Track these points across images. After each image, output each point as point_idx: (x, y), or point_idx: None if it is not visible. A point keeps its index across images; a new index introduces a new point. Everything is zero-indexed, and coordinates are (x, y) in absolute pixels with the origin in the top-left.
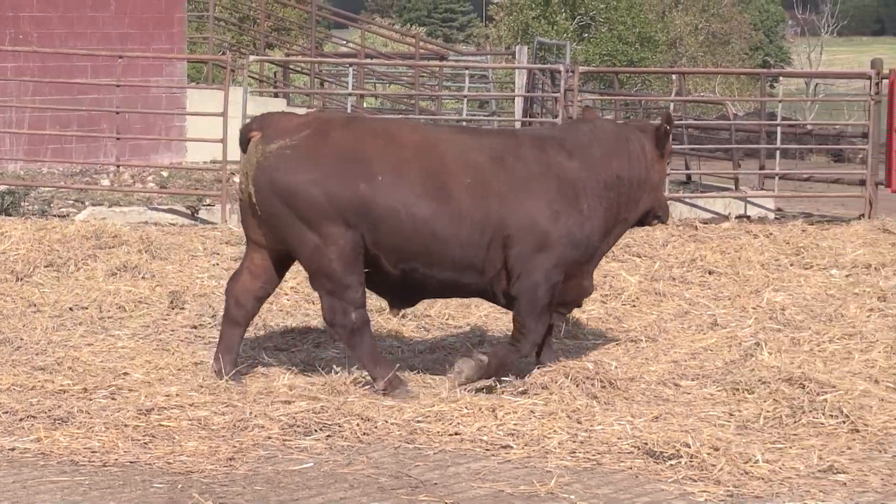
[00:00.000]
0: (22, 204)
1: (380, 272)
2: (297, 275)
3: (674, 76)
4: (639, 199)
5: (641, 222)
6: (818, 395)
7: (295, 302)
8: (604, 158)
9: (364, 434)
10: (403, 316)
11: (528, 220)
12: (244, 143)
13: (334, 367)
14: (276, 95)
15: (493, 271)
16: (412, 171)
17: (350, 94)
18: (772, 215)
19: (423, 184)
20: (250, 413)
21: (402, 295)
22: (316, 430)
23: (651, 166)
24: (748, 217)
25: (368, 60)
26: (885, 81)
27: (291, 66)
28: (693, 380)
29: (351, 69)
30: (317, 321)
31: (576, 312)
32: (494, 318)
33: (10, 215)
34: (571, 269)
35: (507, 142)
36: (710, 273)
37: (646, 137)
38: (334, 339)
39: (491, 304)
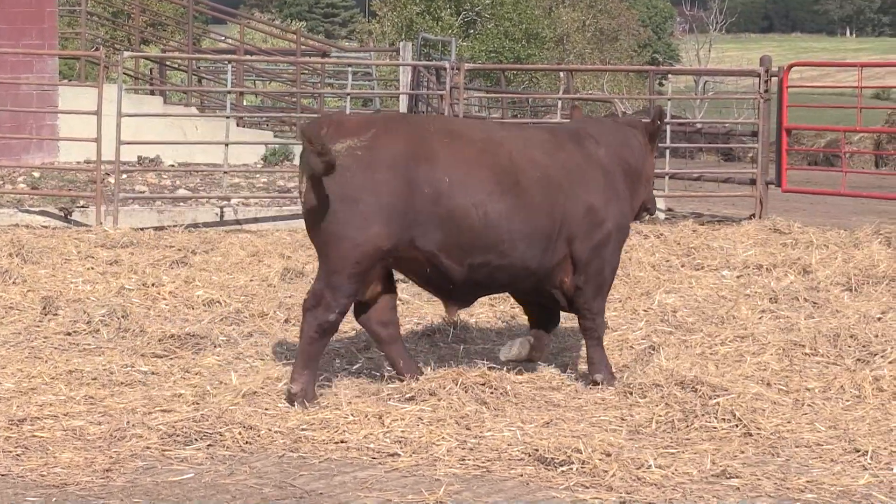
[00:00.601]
0: None
1: (442, 271)
2: (175, 278)
3: (561, 73)
4: (638, 190)
5: (635, 216)
6: (710, 398)
7: (174, 307)
8: (620, 147)
9: (247, 443)
10: (287, 321)
11: (588, 211)
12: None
13: (215, 373)
14: (152, 93)
15: (553, 263)
16: (483, 168)
17: (229, 92)
18: (662, 215)
19: (496, 180)
20: (128, 422)
21: (462, 292)
22: (196, 440)
23: (645, 159)
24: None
25: (248, 57)
26: (775, 79)
27: (168, 63)
28: (584, 384)
29: (230, 66)
30: (196, 327)
31: (464, 315)
32: None
33: None
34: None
35: (552, 137)
36: None
37: (638, 132)
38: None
39: None
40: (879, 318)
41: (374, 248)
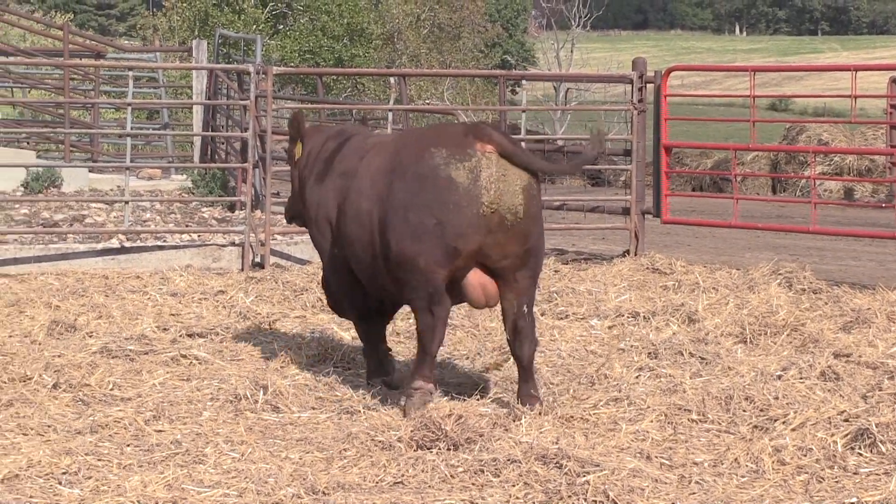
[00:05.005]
0: None
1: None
2: None
3: (392, 79)
4: None
5: None
6: (579, 476)
7: None
8: None
9: None
10: (56, 386)
11: None
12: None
13: None
14: None
15: None
16: None
17: None
18: None
19: None
20: None
21: None
22: None
23: None
24: None
25: (3, 59)
26: (651, 86)
27: None
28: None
29: None
30: None
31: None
32: None
33: None
34: None
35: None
36: None
37: None
38: None
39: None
40: (779, 377)
41: None
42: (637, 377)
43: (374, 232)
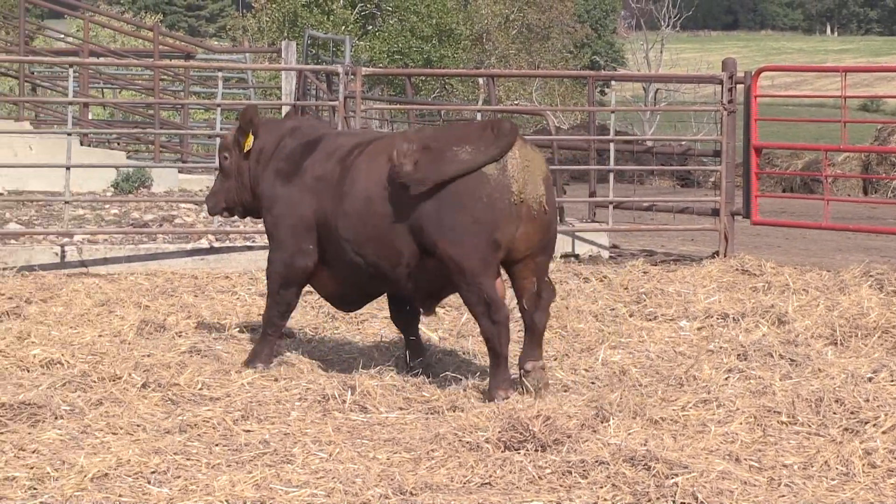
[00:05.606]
0: None
1: None
2: (5, 334)
3: (481, 80)
4: None
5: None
6: (667, 478)
7: (4, 369)
8: None
9: None
10: (145, 385)
11: None
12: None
13: (57, 451)
14: None
15: None
16: None
17: (71, 103)
18: (606, 253)
19: None
20: None
21: None
22: None
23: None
24: (576, 256)
25: (93, 60)
26: (741, 87)
27: None
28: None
29: (71, 71)
30: (33, 394)
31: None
32: None
33: None
34: None
35: None
36: None
37: None
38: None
39: None
40: (870, 379)
41: None
42: (726, 379)
43: (394, 234)
